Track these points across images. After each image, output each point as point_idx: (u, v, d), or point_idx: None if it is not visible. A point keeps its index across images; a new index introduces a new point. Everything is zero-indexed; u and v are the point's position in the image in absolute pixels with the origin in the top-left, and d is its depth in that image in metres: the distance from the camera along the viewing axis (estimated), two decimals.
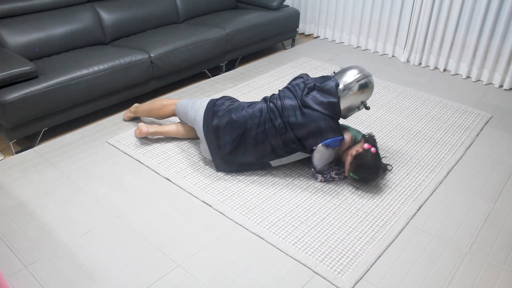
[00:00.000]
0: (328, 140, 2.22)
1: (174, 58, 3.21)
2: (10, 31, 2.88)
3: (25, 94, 2.48)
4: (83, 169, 2.46)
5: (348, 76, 2.30)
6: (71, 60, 2.86)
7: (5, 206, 2.17)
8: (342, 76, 2.31)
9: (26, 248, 1.93)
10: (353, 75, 2.30)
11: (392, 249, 1.96)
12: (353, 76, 2.29)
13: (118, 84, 2.92)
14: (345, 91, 2.28)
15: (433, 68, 3.93)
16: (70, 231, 2.03)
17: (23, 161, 2.53)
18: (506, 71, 3.54)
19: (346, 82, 2.28)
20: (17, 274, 1.80)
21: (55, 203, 2.20)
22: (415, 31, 3.96)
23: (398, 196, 2.28)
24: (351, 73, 2.31)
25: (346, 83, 2.28)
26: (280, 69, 3.83)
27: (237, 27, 3.65)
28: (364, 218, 2.12)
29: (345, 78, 2.30)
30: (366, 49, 4.40)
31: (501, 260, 1.91)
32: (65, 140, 2.74)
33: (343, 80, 2.30)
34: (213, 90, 3.42)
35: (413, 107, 3.20)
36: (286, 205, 2.20)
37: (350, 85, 2.28)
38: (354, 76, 2.29)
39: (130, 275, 1.80)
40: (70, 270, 1.82)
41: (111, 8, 3.38)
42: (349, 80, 2.28)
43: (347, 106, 2.33)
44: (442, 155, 2.64)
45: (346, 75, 2.31)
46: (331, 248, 1.94)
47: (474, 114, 3.12)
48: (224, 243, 1.97)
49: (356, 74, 2.30)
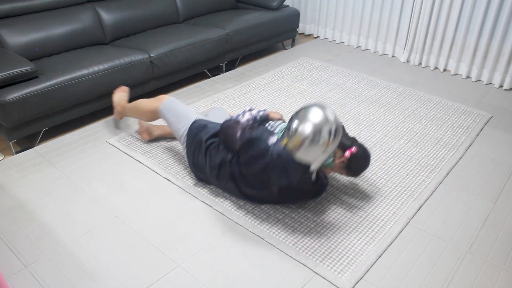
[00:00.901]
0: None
1: (174, 58, 3.21)
2: (10, 31, 2.88)
3: (25, 94, 2.48)
4: (83, 169, 2.46)
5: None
6: (71, 60, 2.86)
7: (5, 206, 2.17)
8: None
9: (26, 248, 1.93)
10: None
11: (392, 249, 1.96)
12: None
13: (118, 84, 2.92)
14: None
15: (433, 68, 3.94)
16: (70, 231, 2.03)
17: (23, 161, 2.53)
18: (506, 71, 3.54)
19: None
20: (17, 274, 1.80)
21: (55, 203, 2.20)
22: (415, 31, 3.96)
23: (398, 196, 2.28)
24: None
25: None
26: (280, 69, 3.83)
27: (237, 27, 3.65)
28: (364, 218, 2.12)
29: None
30: (366, 49, 4.40)
31: (501, 260, 1.91)
32: (65, 140, 2.74)
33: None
34: (213, 90, 3.42)
35: (413, 107, 3.20)
36: (286, 205, 2.20)
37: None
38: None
39: (130, 275, 1.80)
40: (70, 270, 1.82)
41: (111, 8, 3.38)
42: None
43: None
44: (442, 155, 2.64)
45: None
46: (331, 248, 1.94)
47: (474, 114, 3.12)
48: (224, 243, 1.97)
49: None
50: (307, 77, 3.67)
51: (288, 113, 3.06)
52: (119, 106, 2.75)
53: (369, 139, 2.78)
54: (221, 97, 3.29)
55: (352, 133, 2.85)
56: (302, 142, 1.86)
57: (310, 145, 1.85)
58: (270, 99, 3.28)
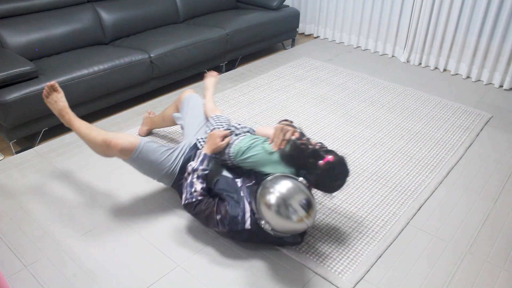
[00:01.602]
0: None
1: (174, 58, 3.21)
2: (10, 31, 2.88)
3: (25, 94, 2.48)
4: (83, 169, 2.46)
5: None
6: (71, 60, 2.86)
7: (5, 206, 2.17)
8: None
9: (26, 248, 1.92)
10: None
11: (392, 249, 1.96)
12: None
13: (118, 84, 2.92)
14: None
15: (433, 68, 3.93)
16: (70, 231, 2.03)
17: (23, 161, 2.53)
18: (506, 71, 3.54)
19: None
20: (17, 274, 1.79)
21: (55, 203, 2.20)
22: (415, 31, 3.96)
23: (398, 196, 2.28)
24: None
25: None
26: (280, 69, 3.83)
27: (237, 27, 3.65)
28: (364, 218, 2.12)
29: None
30: (366, 49, 4.40)
31: (501, 260, 1.91)
32: (65, 140, 2.74)
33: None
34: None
35: (413, 107, 3.20)
36: None
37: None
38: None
39: (130, 275, 1.80)
40: (70, 270, 1.82)
41: (111, 8, 3.37)
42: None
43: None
44: (442, 155, 2.64)
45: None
46: (331, 248, 1.94)
47: (474, 114, 3.12)
48: (224, 243, 1.97)
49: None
50: (307, 77, 3.67)
51: (288, 113, 3.06)
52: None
53: (369, 139, 2.78)
54: (221, 97, 3.29)
55: (352, 133, 2.85)
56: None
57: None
58: (270, 99, 3.28)
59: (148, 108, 3.14)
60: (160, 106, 3.17)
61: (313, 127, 2.90)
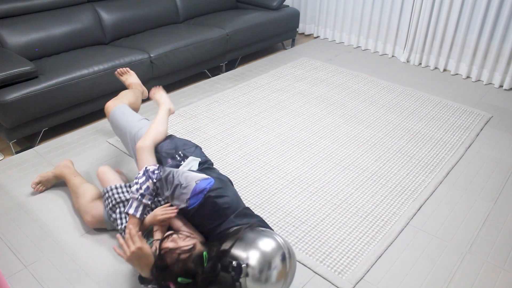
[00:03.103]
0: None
1: (174, 58, 3.21)
2: (10, 31, 2.88)
3: (25, 94, 2.48)
4: (83, 169, 2.46)
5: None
6: (71, 60, 2.86)
7: (5, 206, 2.17)
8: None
9: (26, 248, 1.92)
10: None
11: (392, 249, 1.96)
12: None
13: (118, 84, 2.91)
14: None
15: (433, 68, 3.93)
16: (70, 231, 2.02)
17: (23, 161, 2.53)
18: (506, 71, 3.54)
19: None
20: (17, 274, 1.79)
21: (55, 203, 2.20)
22: (415, 31, 3.96)
23: (398, 196, 2.28)
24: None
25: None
26: (280, 69, 3.83)
27: (237, 27, 3.65)
28: (365, 218, 2.12)
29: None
30: (366, 49, 4.40)
31: (501, 260, 1.91)
32: (65, 140, 2.74)
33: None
34: (213, 90, 3.42)
35: (413, 107, 3.20)
36: (286, 205, 2.20)
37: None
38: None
39: (130, 275, 1.80)
40: (70, 270, 1.82)
41: (111, 8, 3.37)
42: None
43: None
44: (442, 155, 2.64)
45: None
46: (331, 248, 1.94)
47: (474, 114, 3.12)
48: None
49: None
50: (307, 77, 3.67)
51: (287, 113, 3.06)
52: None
53: (369, 139, 2.78)
54: (221, 97, 3.29)
55: (352, 133, 2.85)
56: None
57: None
58: (270, 99, 3.28)
59: (148, 107, 3.14)
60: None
61: (313, 127, 2.90)
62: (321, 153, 2.63)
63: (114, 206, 1.86)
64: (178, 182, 1.66)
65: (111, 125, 2.18)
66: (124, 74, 2.60)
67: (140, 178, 1.69)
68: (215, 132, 2.82)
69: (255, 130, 2.86)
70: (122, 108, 2.15)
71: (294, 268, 1.54)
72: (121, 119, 2.10)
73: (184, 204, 1.63)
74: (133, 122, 2.07)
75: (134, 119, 2.08)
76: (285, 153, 2.62)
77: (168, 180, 1.67)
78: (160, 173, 1.70)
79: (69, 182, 2.14)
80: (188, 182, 1.65)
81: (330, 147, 2.69)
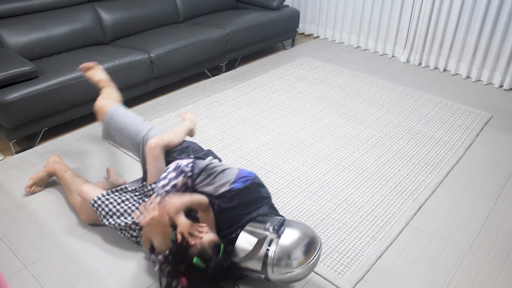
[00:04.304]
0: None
1: (174, 58, 3.21)
2: (10, 31, 2.88)
3: (25, 94, 2.48)
4: (83, 169, 2.46)
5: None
6: (71, 60, 2.86)
7: (5, 206, 2.17)
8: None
9: (26, 248, 1.92)
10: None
11: (392, 249, 1.96)
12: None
13: (118, 84, 2.91)
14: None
15: (433, 68, 3.94)
16: (70, 231, 2.02)
17: (23, 161, 2.53)
18: (506, 71, 3.54)
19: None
20: (17, 274, 1.79)
21: (55, 203, 2.20)
22: (415, 31, 3.96)
23: (398, 196, 2.28)
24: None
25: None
26: (280, 69, 3.83)
27: (237, 27, 3.65)
28: (365, 219, 2.12)
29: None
30: (366, 49, 4.40)
31: (501, 260, 1.91)
32: (65, 140, 2.74)
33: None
34: (213, 90, 3.43)
35: (413, 107, 3.20)
36: (286, 205, 2.20)
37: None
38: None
39: (131, 275, 1.80)
40: (70, 270, 1.82)
41: (111, 8, 3.37)
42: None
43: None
44: (442, 155, 2.64)
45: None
46: (331, 248, 1.94)
47: (474, 114, 3.12)
48: None
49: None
50: (307, 77, 3.67)
51: (287, 113, 3.06)
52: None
53: (369, 139, 2.78)
54: (221, 97, 3.29)
55: (352, 133, 2.85)
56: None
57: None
58: (270, 99, 3.28)
59: (148, 107, 3.14)
60: (160, 106, 3.17)
61: (313, 127, 2.90)
62: (321, 153, 2.63)
63: (108, 214, 1.86)
64: (221, 169, 1.73)
65: (108, 126, 2.06)
66: (90, 69, 2.34)
67: (171, 173, 1.70)
68: (215, 132, 2.82)
69: (255, 130, 2.86)
70: (121, 109, 2.11)
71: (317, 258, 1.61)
72: (124, 120, 2.04)
73: (227, 187, 1.68)
74: (140, 123, 2.04)
75: (139, 121, 2.05)
76: (285, 153, 2.62)
77: (207, 168, 1.74)
78: (195, 166, 1.75)
79: (61, 178, 2.16)
80: (231, 169, 1.75)
81: (330, 147, 2.69)
